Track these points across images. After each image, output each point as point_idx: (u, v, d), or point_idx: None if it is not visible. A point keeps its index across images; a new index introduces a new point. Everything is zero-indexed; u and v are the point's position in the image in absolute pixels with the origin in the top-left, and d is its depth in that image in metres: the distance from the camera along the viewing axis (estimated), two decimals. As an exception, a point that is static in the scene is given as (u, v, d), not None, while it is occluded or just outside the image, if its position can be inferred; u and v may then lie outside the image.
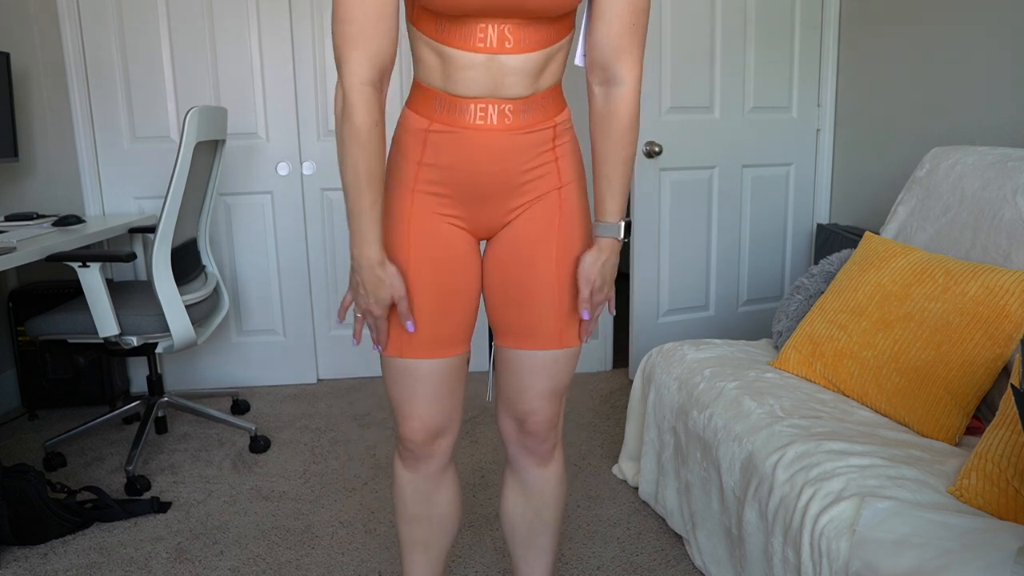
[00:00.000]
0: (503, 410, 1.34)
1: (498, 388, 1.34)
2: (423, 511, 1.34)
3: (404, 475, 1.33)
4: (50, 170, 2.89)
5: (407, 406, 1.25)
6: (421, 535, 1.36)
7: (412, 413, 1.25)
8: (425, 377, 1.22)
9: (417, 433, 1.26)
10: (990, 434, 1.25)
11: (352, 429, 2.67)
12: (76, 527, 2.00)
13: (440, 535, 1.38)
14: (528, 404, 1.29)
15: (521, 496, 1.39)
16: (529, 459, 1.36)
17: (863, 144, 2.82)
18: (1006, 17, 2.13)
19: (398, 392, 1.25)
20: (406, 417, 1.25)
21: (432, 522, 1.35)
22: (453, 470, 1.36)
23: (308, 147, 3.00)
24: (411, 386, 1.23)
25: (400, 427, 1.27)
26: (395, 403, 1.26)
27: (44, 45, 2.80)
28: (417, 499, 1.33)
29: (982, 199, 1.79)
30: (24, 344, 2.80)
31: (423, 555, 1.37)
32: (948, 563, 1.03)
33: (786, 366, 1.84)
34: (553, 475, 1.38)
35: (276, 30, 2.89)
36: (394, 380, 1.24)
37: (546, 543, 1.42)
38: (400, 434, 1.27)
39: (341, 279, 3.12)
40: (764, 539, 1.41)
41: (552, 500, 1.39)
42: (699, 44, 2.83)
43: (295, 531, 2.00)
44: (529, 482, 1.38)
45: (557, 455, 1.38)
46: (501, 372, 1.32)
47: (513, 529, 1.42)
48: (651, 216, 2.90)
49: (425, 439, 1.27)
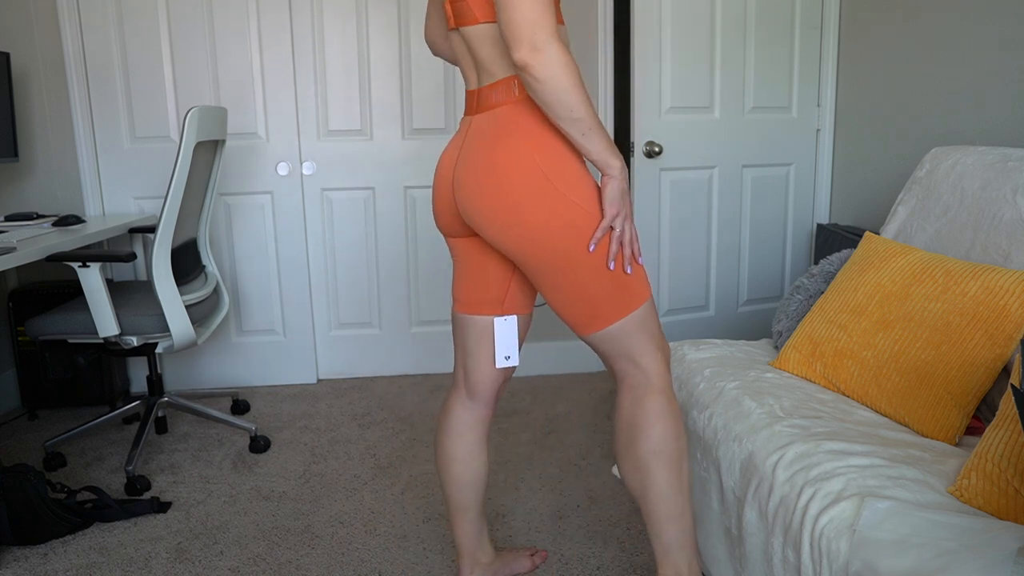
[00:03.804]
0: (493, 371, 1.56)
1: (487, 353, 1.56)
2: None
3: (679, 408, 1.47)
4: (50, 170, 2.89)
5: (661, 335, 1.43)
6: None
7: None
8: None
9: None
10: (990, 434, 1.25)
11: (352, 429, 2.67)
12: (76, 527, 2.00)
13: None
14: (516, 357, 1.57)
15: (484, 450, 1.64)
16: (492, 410, 1.63)
17: (863, 144, 2.82)
18: (1006, 17, 2.13)
19: (656, 325, 1.42)
20: (666, 344, 1.44)
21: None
22: None
23: (308, 147, 3.00)
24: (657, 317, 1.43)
25: (669, 347, 1.48)
26: (658, 336, 1.42)
27: (44, 45, 2.80)
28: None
29: (982, 199, 1.79)
30: (24, 344, 2.80)
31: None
32: (948, 563, 1.03)
33: (786, 366, 1.84)
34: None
35: (276, 30, 2.89)
36: (653, 316, 1.41)
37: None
38: (670, 354, 1.45)
39: (341, 279, 3.12)
40: (764, 539, 1.41)
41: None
42: (699, 44, 2.83)
43: (295, 531, 2.00)
44: (484, 435, 1.64)
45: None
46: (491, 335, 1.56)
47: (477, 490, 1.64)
48: (651, 216, 2.90)
49: None
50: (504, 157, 1.28)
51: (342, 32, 2.93)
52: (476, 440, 1.56)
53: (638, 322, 1.37)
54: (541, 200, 1.27)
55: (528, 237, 1.29)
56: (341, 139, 3.01)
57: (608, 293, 1.33)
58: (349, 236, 3.09)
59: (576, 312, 1.35)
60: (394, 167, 3.06)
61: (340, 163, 3.03)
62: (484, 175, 1.29)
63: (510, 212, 1.28)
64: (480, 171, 1.30)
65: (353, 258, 3.12)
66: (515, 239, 1.30)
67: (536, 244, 1.29)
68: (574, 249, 1.29)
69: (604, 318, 1.35)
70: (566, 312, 1.37)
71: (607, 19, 2.96)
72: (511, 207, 1.28)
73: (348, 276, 3.13)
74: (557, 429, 2.61)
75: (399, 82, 3.00)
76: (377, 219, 3.10)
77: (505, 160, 1.27)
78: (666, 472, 1.39)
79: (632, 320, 1.37)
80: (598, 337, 1.38)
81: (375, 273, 3.14)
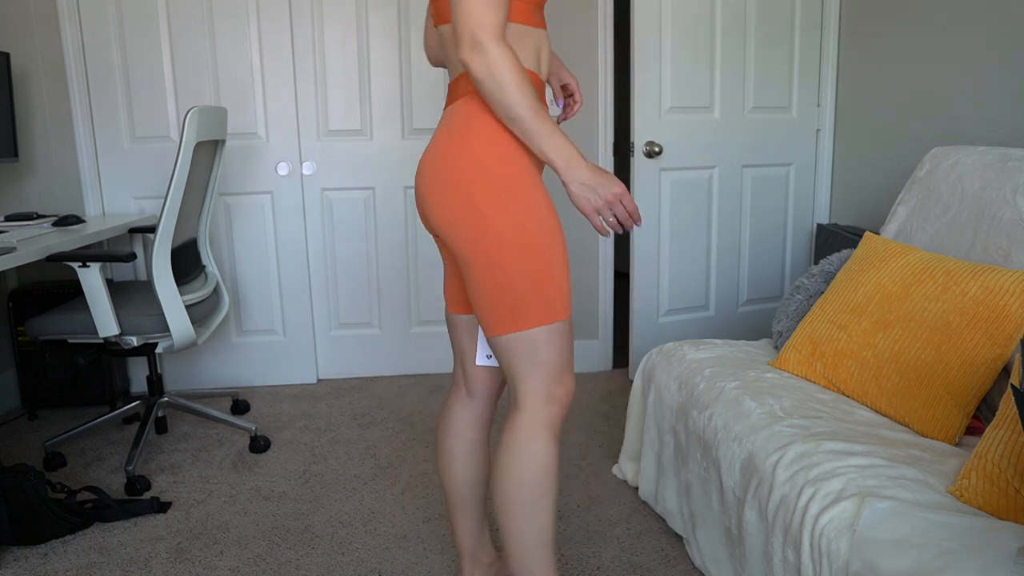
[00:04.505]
0: (490, 368, 1.53)
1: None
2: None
3: (555, 449, 1.35)
4: (50, 170, 2.89)
5: (569, 367, 1.34)
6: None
7: (571, 371, 1.35)
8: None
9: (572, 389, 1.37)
10: (990, 434, 1.25)
11: (352, 429, 2.67)
12: (76, 527, 2.00)
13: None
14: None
15: (484, 449, 1.60)
16: (493, 409, 1.60)
17: (863, 144, 2.82)
18: (1006, 17, 2.13)
19: (564, 354, 1.32)
20: (570, 377, 1.34)
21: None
22: None
23: (308, 147, 3.00)
24: (571, 344, 1.34)
25: (569, 386, 1.35)
26: (560, 366, 1.33)
27: (44, 45, 2.80)
28: (558, 469, 1.38)
29: (982, 199, 1.79)
30: (24, 344, 2.80)
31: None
32: (948, 563, 1.03)
33: (786, 366, 1.84)
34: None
35: (276, 30, 2.89)
36: (562, 342, 1.32)
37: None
38: (569, 392, 1.35)
39: (341, 279, 3.12)
40: (764, 539, 1.41)
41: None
42: (699, 44, 2.83)
43: (295, 531, 2.00)
44: (486, 435, 1.61)
45: None
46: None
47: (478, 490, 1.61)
48: (651, 216, 2.90)
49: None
50: (457, 147, 1.29)
51: (342, 32, 2.93)
52: (476, 439, 1.56)
53: (527, 342, 1.30)
54: (481, 197, 1.27)
55: (458, 230, 1.29)
56: (341, 139, 3.01)
57: (502, 303, 1.29)
58: (349, 236, 3.09)
59: (482, 313, 1.32)
60: (394, 167, 3.06)
61: (340, 163, 3.03)
62: (439, 164, 1.30)
63: (454, 206, 1.29)
64: (436, 160, 1.31)
65: (353, 258, 3.12)
66: (445, 227, 1.30)
67: (457, 238, 1.29)
68: (490, 252, 1.28)
69: (519, 319, 1.30)
70: (477, 312, 1.34)
71: (607, 19, 2.96)
72: (453, 199, 1.28)
73: (348, 276, 3.13)
74: (557, 429, 2.61)
75: (399, 82, 3.00)
76: (377, 219, 3.10)
77: (457, 150, 1.29)
78: (515, 519, 1.34)
79: (522, 338, 1.30)
80: (492, 343, 1.34)
81: (375, 273, 3.14)
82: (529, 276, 1.28)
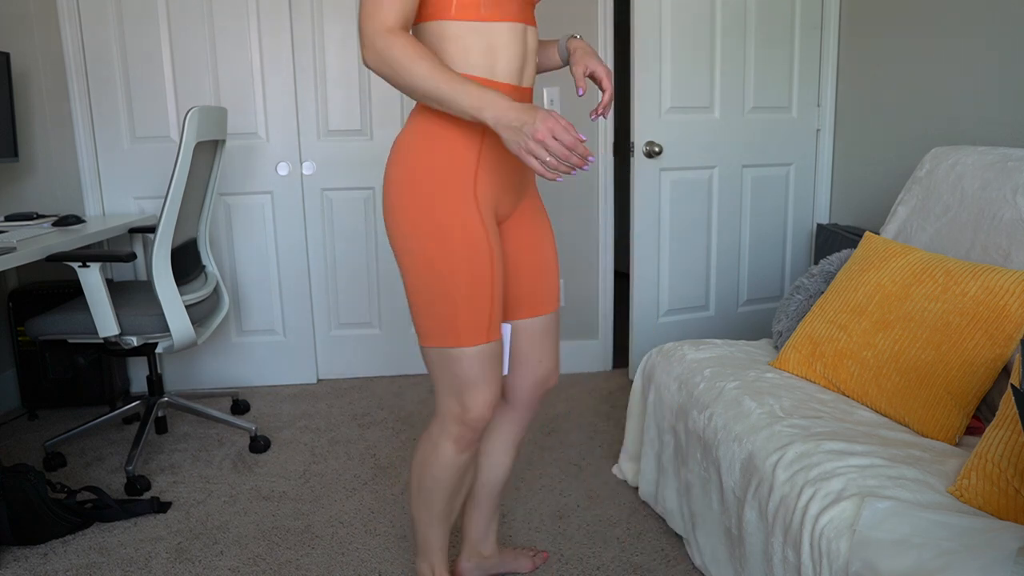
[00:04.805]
0: (523, 379, 1.53)
1: (515, 360, 1.52)
2: (463, 481, 1.47)
3: (457, 459, 1.41)
4: (50, 170, 2.89)
5: (484, 387, 1.34)
6: (456, 503, 1.49)
7: (489, 392, 1.35)
8: (498, 354, 1.35)
9: (490, 410, 1.37)
10: (990, 434, 1.25)
11: (352, 429, 2.67)
12: (76, 527, 2.00)
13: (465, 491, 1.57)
14: (551, 361, 1.54)
15: (512, 451, 1.63)
16: (530, 415, 1.60)
17: (863, 144, 2.82)
18: (1006, 17, 2.13)
19: (468, 380, 1.32)
20: (482, 398, 1.34)
21: (465, 486, 1.50)
22: None
23: (308, 147, 3.00)
24: (492, 366, 1.34)
25: (472, 411, 1.35)
26: (460, 391, 1.33)
27: (44, 45, 2.80)
28: (460, 474, 1.44)
29: (982, 199, 1.79)
30: (24, 344, 2.80)
31: (449, 520, 1.51)
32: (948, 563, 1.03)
33: (786, 366, 1.84)
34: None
35: (276, 31, 2.89)
36: (463, 369, 1.31)
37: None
38: (472, 417, 1.36)
39: (341, 279, 3.12)
40: (764, 539, 1.41)
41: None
42: (699, 44, 2.83)
43: (295, 531, 2.00)
44: (517, 438, 1.63)
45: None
46: (520, 343, 1.51)
47: (494, 487, 1.65)
48: (651, 216, 2.90)
49: (490, 414, 1.38)
50: (396, 148, 1.32)
51: (342, 32, 2.93)
52: (504, 440, 1.62)
53: (428, 358, 1.35)
54: (399, 200, 1.29)
55: (388, 228, 1.32)
56: (341, 139, 3.01)
57: (425, 312, 1.30)
58: (349, 236, 3.09)
59: (414, 316, 1.35)
60: (394, 167, 3.05)
61: (340, 163, 3.03)
62: (391, 156, 1.33)
63: (385, 202, 1.33)
64: (391, 152, 1.34)
65: (353, 258, 3.12)
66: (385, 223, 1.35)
67: (388, 236, 1.33)
68: (401, 257, 1.31)
69: (421, 334, 1.34)
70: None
71: (607, 19, 2.96)
72: (385, 195, 1.32)
73: (348, 276, 3.13)
74: (557, 429, 2.61)
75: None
76: (377, 219, 3.10)
77: (395, 151, 1.31)
78: (413, 507, 1.49)
79: (426, 352, 1.35)
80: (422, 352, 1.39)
81: (375, 273, 3.14)
82: (423, 296, 1.29)
